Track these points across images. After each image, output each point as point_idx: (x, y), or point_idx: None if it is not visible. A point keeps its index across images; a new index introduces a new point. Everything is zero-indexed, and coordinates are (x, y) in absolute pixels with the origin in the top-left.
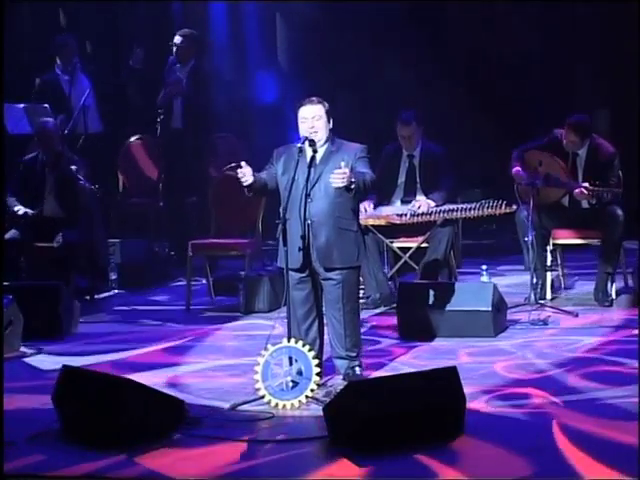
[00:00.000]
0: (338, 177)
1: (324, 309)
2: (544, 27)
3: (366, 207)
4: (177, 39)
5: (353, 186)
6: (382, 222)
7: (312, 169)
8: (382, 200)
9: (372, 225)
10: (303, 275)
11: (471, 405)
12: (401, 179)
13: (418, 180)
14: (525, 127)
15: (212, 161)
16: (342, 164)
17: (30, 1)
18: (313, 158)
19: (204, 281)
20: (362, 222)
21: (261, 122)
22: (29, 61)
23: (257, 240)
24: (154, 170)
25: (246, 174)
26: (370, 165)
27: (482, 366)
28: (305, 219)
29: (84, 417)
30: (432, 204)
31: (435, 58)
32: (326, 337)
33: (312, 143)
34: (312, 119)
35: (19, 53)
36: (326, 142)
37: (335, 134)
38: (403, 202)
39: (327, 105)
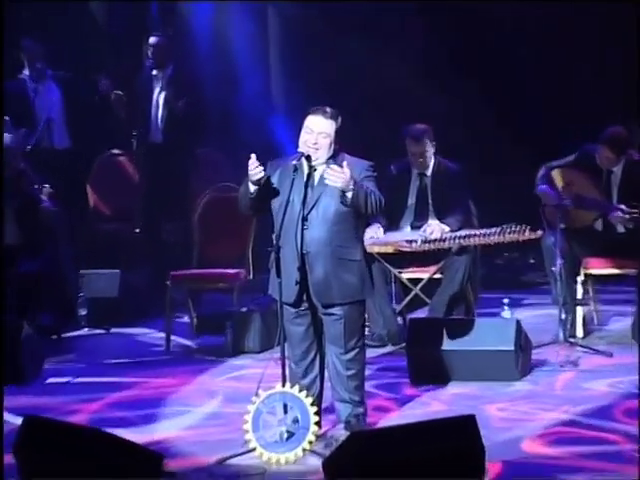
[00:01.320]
0: (335, 175)
1: (325, 347)
2: (572, 41)
3: (375, 233)
4: (152, 40)
5: (350, 193)
6: (390, 250)
7: (309, 189)
8: (390, 225)
9: (378, 253)
10: (301, 309)
11: (492, 457)
12: (411, 201)
13: (430, 202)
14: (551, 142)
15: (195, 180)
16: (344, 164)
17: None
18: (310, 177)
19: (186, 318)
20: (367, 250)
21: (250, 135)
22: None
23: (247, 271)
24: (129, 190)
25: (257, 166)
26: (377, 185)
27: (504, 413)
28: (301, 248)
29: (48, 472)
30: (446, 229)
31: (447, 59)
32: (327, 382)
33: (309, 159)
34: (318, 134)
35: None
36: (327, 161)
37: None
38: (413, 227)
39: (339, 122)
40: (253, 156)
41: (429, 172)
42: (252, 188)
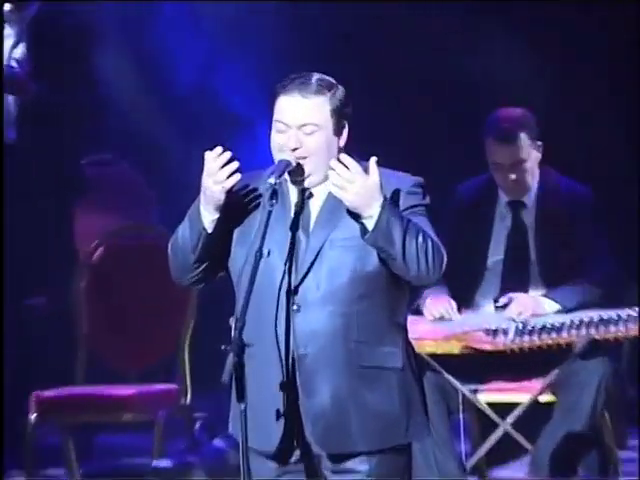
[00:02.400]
0: (343, 174)
1: None
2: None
3: (446, 310)
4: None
5: (373, 220)
6: (455, 349)
7: (300, 234)
8: (454, 299)
9: (432, 355)
10: (289, 464)
11: None
12: (495, 255)
13: (533, 256)
14: None
15: (84, 214)
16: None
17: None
18: (303, 209)
19: None
20: (414, 346)
21: (179, 140)
22: None
23: (180, 389)
24: None
25: (227, 162)
26: (429, 219)
27: None
28: (288, 348)
29: None
30: (552, 309)
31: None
32: None
33: (296, 173)
34: (299, 130)
35: None
36: (328, 177)
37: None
38: (499, 307)
39: (340, 96)
40: (219, 148)
41: (530, 200)
42: (208, 220)
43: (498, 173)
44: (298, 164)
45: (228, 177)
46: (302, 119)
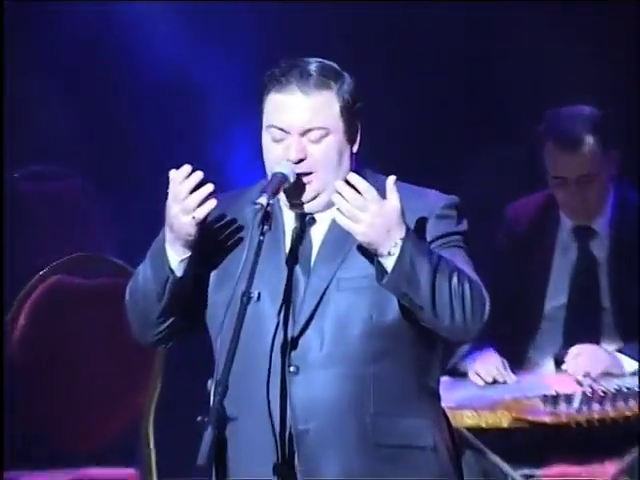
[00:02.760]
0: (351, 197)
1: None
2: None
3: (497, 370)
4: None
5: (392, 259)
6: (503, 421)
7: (298, 272)
8: (502, 355)
9: (473, 429)
10: None
11: None
12: (556, 298)
13: (605, 301)
14: None
15: (14, 238)
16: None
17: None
18: (302, 239)
19: None
20: (450, 418)
21: (149, 149)
22: None
23: (142, 473)
24: None
25: (201, 188)
26: (467, 251)
27: None
28: (283, 422)
29: None
30: (630, 368)
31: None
32: None
33: (295, 193)
34: (302, 135)
35: None
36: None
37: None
38: (561, 367)
39: (349, 84)
40: (187, 167)
41: (602, 226)
42: (176, 260)
43: (560, 190)
44: (298, 179)
45: (200, 204)
46: (306, 123)
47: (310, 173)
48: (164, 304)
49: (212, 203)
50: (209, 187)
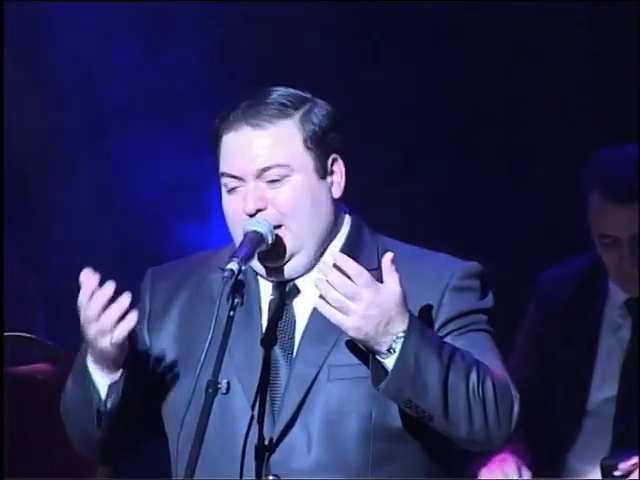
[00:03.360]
0: (337, 281)
1: None
2: None
3: (518, 476)
4: None
5: (393, 359)
6: None
7: (279, 355)
8: (534, 461)
9: None
10: None
11: None
12: (604, 389)
13: None
14: None
15: None
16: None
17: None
18: (282, 315)
19: None
20: None
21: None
22: None
23: None
24: None
25: (117, 305)
26: (492, 335)
27: None
28: None
29: None
30: None
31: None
32: None
33: (273, 256)
34: (257, 178)
35: None
36: (322, 256)
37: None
38: (609, 470)
39: (319, 112)
40: (87, 273)
41: None
42: (104, 384)
43: (610, 252)
44: (277, 240)
45: (117, 323)
46: (260, 161)
47: (278, 226)
48: (103, 432)
49: (131, 320)
50: (125, 300)
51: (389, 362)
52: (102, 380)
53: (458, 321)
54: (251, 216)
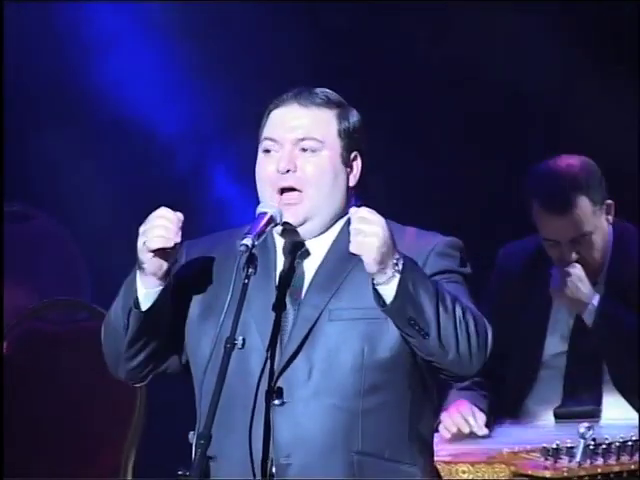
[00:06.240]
0: (365, 221)
1: None
2: None
3: (471, 418)
4: None
5: (393, 285)
6: (500, 475)
7: (288, 301)
8: (501, 405)
9: None
10: None
11: None
12: (555, 345)
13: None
14: None
15: None
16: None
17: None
18: (294, 270)
19: None
20: (438, 466)
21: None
22: None
23: None
24: None
25: (172, 223)
26: (470, 292)
27: None
28: (265, 457)
29: None
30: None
31: None
32: None
33: (285, 228)
34: (294, 144)
35: None
36: (332, 225)
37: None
38: (560, 416)
39: (354, 117)
40: (163, 209)
41: (601, 278)
42: (142, 292)
43: (553, 250)
44: (284, 221)
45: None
46: (300, 132)
47: (298, 191)
48: (130, 338)
49: (170, 239)
50: (177, 217)
51: (390, 289)
52: (142, 287)
53: (439, 276)
54: (282, 174)
